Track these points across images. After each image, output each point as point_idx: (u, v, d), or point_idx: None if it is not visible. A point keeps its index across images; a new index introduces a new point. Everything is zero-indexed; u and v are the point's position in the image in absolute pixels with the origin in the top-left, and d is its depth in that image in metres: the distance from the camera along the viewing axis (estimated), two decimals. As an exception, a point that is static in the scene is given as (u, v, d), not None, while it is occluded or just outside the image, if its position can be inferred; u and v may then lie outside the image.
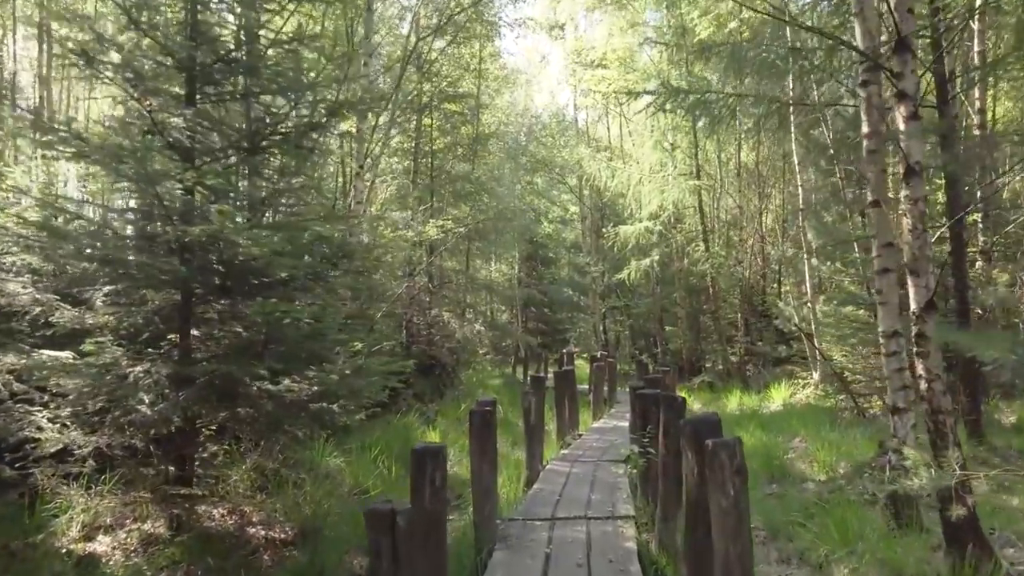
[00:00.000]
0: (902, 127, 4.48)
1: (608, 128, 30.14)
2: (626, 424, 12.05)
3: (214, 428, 6.65)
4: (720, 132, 18.22)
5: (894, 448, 5.32)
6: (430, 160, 19.94)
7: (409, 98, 19.91)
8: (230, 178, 6.11)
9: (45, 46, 15.30)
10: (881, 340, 5.45)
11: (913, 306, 4.48)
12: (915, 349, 4.47)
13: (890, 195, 5.93)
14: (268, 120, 6.21)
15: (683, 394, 18.64)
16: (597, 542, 5.21)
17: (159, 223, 5.46)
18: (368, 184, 14.47)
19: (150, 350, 5.47)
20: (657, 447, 5.44)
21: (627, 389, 20.72)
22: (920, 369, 4.40)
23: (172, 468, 5.80)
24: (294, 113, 6.20)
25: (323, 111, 6.18)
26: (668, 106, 9.74)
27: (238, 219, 5.58)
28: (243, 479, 7.18)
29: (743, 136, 19.22)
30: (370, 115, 11.39)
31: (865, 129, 5.61)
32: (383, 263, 10.70)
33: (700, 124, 19.70)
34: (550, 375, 20.93)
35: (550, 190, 32.76)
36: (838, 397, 12.91)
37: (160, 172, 5.18)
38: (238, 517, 6.40)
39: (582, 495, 6.60)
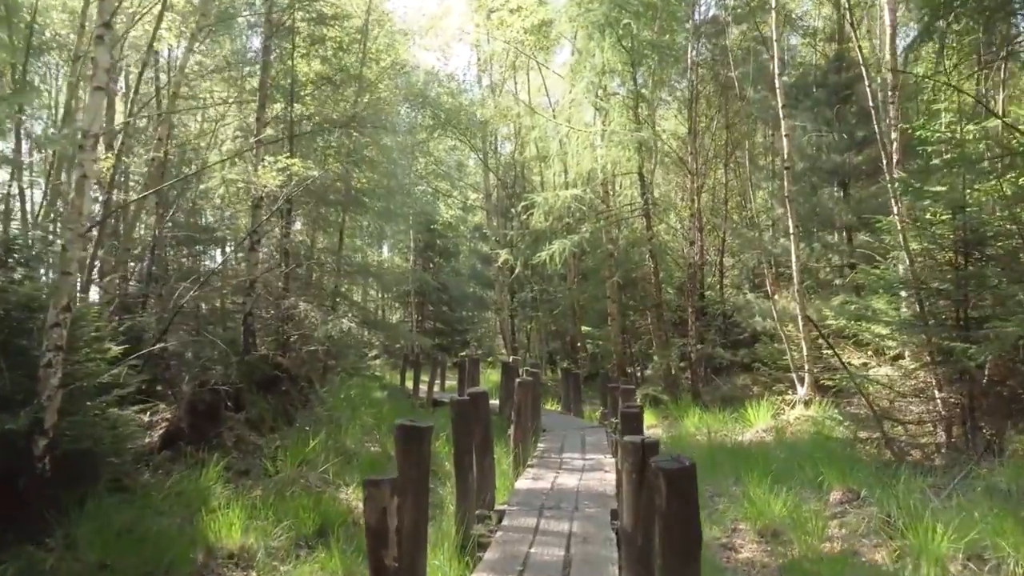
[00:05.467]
0: None
1: (516, 92, 25.59)
2: (573, 483, 7.38)
3: None
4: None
5: None
6: (290, 100, 14.73)
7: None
8: None
9: None
10: None
11: None
12: None
13: None
14: None
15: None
16: None
17: None
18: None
19: None
20: None
21: (553, 409, 15.75)
22: None
23: None
24: None
25: None
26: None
27: None
28: None
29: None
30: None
31: None
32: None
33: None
34: (447, 392, 16.04)
35: (450, 165, 28.09)
36: (867, 427, 8.92)
37: None
38: None
39: None
